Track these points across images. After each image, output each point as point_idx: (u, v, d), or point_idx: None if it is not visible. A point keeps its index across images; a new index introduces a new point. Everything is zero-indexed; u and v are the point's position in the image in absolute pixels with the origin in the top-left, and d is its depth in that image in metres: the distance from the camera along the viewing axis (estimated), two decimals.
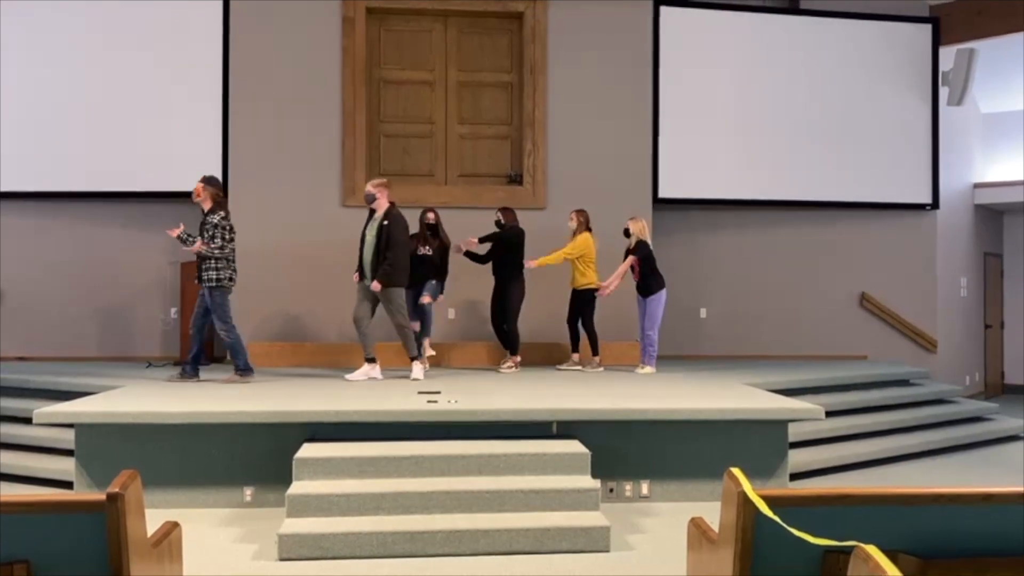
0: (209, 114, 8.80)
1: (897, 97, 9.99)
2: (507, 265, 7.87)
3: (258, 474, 5.44)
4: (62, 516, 2.62)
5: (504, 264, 7.88)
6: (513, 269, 7.88)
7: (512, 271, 7.88)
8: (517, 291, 7.86)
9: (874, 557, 1.90)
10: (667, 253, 9.48)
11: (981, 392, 11.31)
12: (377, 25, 8.99)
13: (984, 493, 2.62)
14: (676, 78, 9.40)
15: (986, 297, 11.78)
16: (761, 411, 5.74)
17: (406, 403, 5.68)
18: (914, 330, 10.09)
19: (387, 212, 7.11)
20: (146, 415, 5.38)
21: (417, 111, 9.07)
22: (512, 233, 7.91)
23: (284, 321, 8.58)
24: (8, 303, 9.00)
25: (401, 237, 7.08)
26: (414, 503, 4.74)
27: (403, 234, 7.12)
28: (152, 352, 8.99)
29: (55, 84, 8.82)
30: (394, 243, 7.00)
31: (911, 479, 6.49)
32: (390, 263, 6.97)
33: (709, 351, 9.69)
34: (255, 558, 4.48)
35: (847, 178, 9.84)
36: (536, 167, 8.90)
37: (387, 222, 7.06)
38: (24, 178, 8.78)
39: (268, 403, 5.65)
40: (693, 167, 9.43)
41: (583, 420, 5.56)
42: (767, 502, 2.57)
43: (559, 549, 4.56)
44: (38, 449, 6.28)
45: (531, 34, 8.93)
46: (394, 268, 7.00)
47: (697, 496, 5.59)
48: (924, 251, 10.22)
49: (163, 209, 9.00)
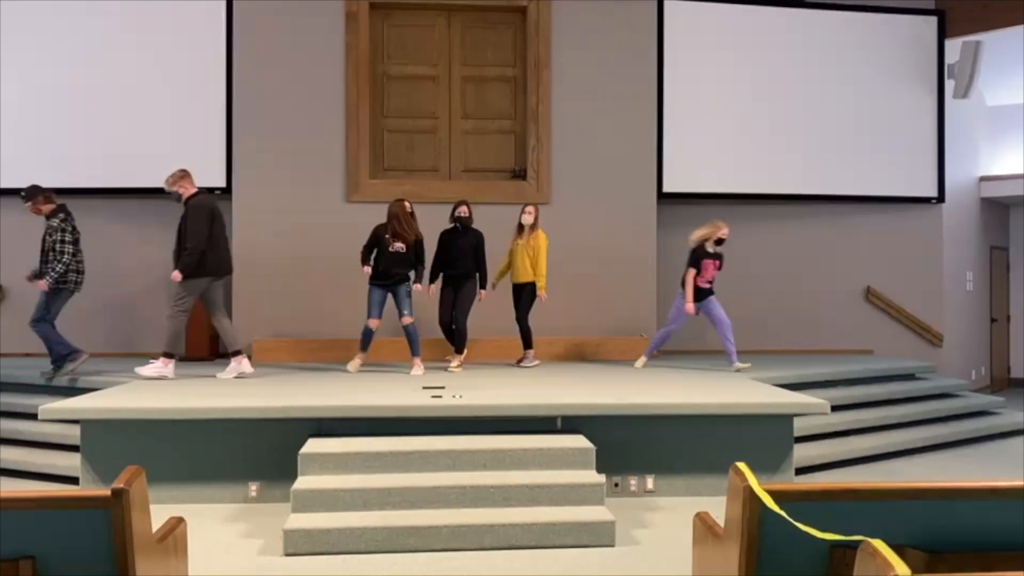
0: (213, 110, 8.80)
1: (903, 90, 9.94)
2: (473, 264, 7.58)
3: (263, 469, 5.45)
4: (68, 512, 2.62)
5: (471, 263, 7.57)
6: (478, 268, 7.62)
7: (476, 270, 7.61)
8: (474, 289, 7.60)
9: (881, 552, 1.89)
10: (672, 248, 9.47)
11: (987, 386, 11.28)
12: (380, 20, 8.98)
13: (991, 487, 2.61)
14: (680, 71, 9.36)
15: (992, 291, 11.74)
16: (766, 405, 5.73)
17: (411, 399, 5.68)
18: (920, 324, 10.06)
19: (186, 201, 6.91)
20: (151, 411, 5.39)
21: (421, 106, 9.06)
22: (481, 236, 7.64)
23: (289, 317, 8.58)
24: (12, 300, 9.01)
25: (197, 227, 6.77)
26: (419, 498, 4.74)
27: (201, 223, 6.80)
28: (157, 348, 8.95)
29: (60, 82, 8.82)
30: (190, 233, 6.76)
31: (917, 474, 6.48)
32: (188, 252, 6.74)
33: (714, 346, 9.65)
34: (260, 553, 4.49)
35: (852, 172, 9.80)
36: (540, 162, 8.89)
37: (184, 211, 6.87)
38: (28, 175, 8.76)
39: (273, 399, 5.65)
40: (697, 161, 9.40)
41: (588, 415, 5.55)
42: (773, 497, 2.56)
43: (564, 544, 4.56)
44: (44, 445, 6.30)
45: (535, 28, 8.91)
46: (193, 258, 6.74)
47: (703, 491, 5.58)
48: (930, 245, 10.18)
49: (168, 206, 8.98)
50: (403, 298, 7.24)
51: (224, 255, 7.09)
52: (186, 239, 6.79)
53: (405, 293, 7.25)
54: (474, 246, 7.54)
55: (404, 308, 7.24)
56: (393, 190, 8.66)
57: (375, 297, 7.26)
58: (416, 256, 7.31)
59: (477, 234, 7.59)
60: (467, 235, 7.54)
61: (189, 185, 6.99)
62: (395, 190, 8.67)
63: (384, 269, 7.22)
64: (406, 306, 7.24)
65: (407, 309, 7.24)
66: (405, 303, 7.25)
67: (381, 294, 7.27)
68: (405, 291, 7.25)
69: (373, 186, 8.67)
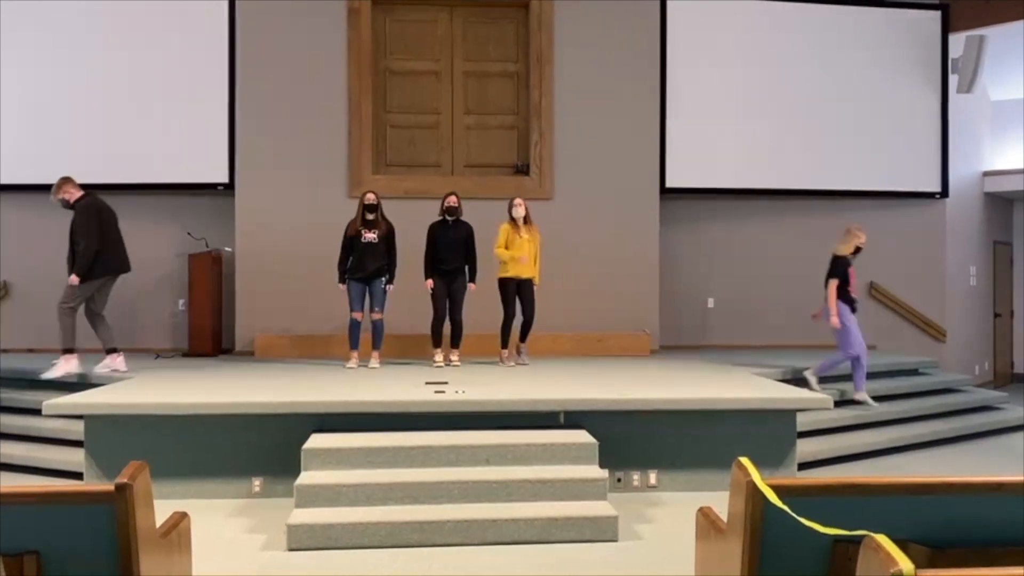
0: (216, 106, 8.80)
1: (906, 85, 9.91)
2: (464, 256, 7.52)
3: (267, 465, 5.45)
4: (72, 507, 2.63)
5: (462, 256, 7.50)
6: (468, 260, 7.55)
7: (467, 262, 7.55)
8: (465, 282, 7.53)
9: (884, 547, 1.88)
10: (674, 243, 9.47)
11: (990, 381, 11.26)
12: (383, 16, 8.97)
13: (994, 482, 2.61)
14: (683, 66, 9.34)
15: (995, 286, 11.72)
16: (769, 400, 5.73)
17: (414, 394, 5.68)
18: (923, 319, 10.05)
19: (73, 204, 6.83)
20: (155, 406, 5.40)
21: (423, 102, 9.06)
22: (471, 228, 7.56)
23: (292, 312, 8.59)
24: (16, 296, 9.03)
25: (87, 226, 6.69)
26: (422, 493, 4.75)
27: (90, 223, 6.71)
28: (160, 344, 9.01)
29: (62, 80, 8.82)
30: (81, 233, 6.70)
31: (920, 469, 6.47)
32: (82, 254, 6.67)
33: (717, 340, 9.67)
34: (264, 548, 4.50)
35: (855, 167, 9.78)
36: (543, 157, 8.88)
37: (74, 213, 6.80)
38: (31, 171, 8.79)
39: (277, 394, 5.66)
40: (700, 156, 9.38)
41: (590, 410, 5.56)
42: (776, 492, 2.56)
43: (567, 539, 4.57)
44: (48, 440, 6.31)
45: (537, 23, 8.90)
46: (86, 259, 6.68)
47: (705, 486, 5.57)
48: (933, 240, 10.16)
49: (171, 201, 9.03)
50: (378, 294, 7.35)
51: (121, 254, 7.04)
52: (77, 240, 6.74)
53: (380, 289, 7.35)
54: (464, 238, 7.47)
55: (376, 304, 7.35)
56: (395, 186, 8.68)
57: (354, 292, 7.33)
58: (388, 247, 7.36)
59: (467, 226, 7.51)
60: (457, 227, 7.47)
61: (73, 189, 6.92)
62: (397, 186, 8.70)
63: (359, 262, 7.27)
64: (379, 302, 7.36)
65: (379, 305, 7.36)
66: (379, 299, 7.36)
67: (359, 288, 7.33)
68: (380, 287, 7.35)
69: (376, 182, 8.65)
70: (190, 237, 8.74)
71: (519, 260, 7.41)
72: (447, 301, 7.48)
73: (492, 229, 7.75)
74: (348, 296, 7.35)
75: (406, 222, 7.86)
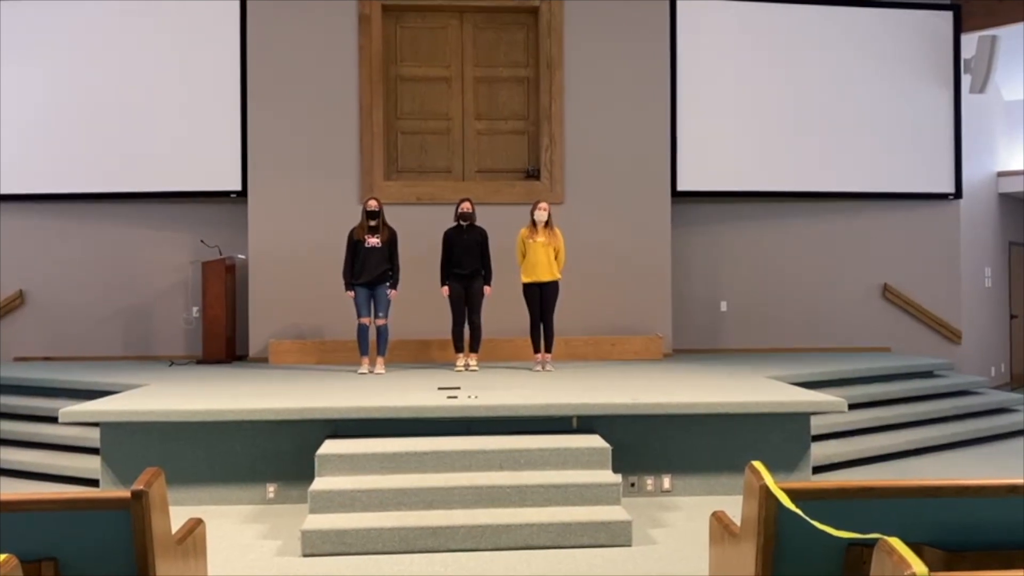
0: (228, 114, 8.85)
1: (919, 85, 9.87)
2: (479, 260, 7.55)
3: (281, 471, 5.48)
4: (88, 514, 2.65)
5: (478, 260, 7.54)
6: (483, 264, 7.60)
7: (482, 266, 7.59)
8: (482, 286, 7.57)
9: (898, 550, 1.88)
10: (686, 246, 9.46)
11: (1007, 383, 11.18)
12: (393, 22, 9.01)
13: (1009, 485, 2.59)
14: (693, 69, 9.32)
15: (1011, 287, 11.63)
16: (783, 404, 5.71)
17: (427, 399, 5.70)
18: (938, 321, 9.99)
19: None
20: (169, 413, 5.44)
21: (434, 107, 9.09)
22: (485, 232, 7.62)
23: (306, 319, 8.63)
24: (33, 304, 9.10)
25: None
26: (436, 498, 4.76)
27: None
28: (175, 351, 9.06)
29: (74, 85, 8.91)
30: None
31: (935, 472, 6.42)
32: None
33: (730, 344, 9.64)
34: (279, 554, 4.52)
35: (868, 168, 9.74)
36: (554, 162, 8.89)
37: None
38: (47, 180, 8.88)
39: (291, 400, 5.68)
40: (712, 159, 9.36)
41: (603, 415, 5.55)
42: (789, 495, 2.55)
43: (581, 544, 4.56)
44: (64, 448, 6.36)
45: (547, 28, 8.91)
46: None
47: (719, 490, 5.57)
48: (947, 241, 10.10)
49: (184, 209, 9.09)
50: (382, 300, 7.43)
51: None
52: None
53: (384, 295, 7.43)
54: (479, 242, 7.55)
55: (381, 310, 7.45)
56: (407, 192, 8.72)
57: (360, 297, 7.41)
58: (390, 252, 7.44)
59: (481, 231, 7.59)
60: (472, 232, 7.55)
61: None
62: (409, 192, 8.73)
63: (363, 268, 7.34)
64: (383, 307, 7.45)
65: (383, 311, 7.45)
66: (383, 305, 7.44)
67: (365, 293, 7.41)
68: (384, 293, 7.43)
69: (387, 187, 8.69)
70: (203, 244, 8.79)
71: (533, 265, 7.44)
72: (464, 305, 7.53)
73: (503, 233, 7.78)
74: (355, 303, 7.43)
75: (418, 227, 7.88)
